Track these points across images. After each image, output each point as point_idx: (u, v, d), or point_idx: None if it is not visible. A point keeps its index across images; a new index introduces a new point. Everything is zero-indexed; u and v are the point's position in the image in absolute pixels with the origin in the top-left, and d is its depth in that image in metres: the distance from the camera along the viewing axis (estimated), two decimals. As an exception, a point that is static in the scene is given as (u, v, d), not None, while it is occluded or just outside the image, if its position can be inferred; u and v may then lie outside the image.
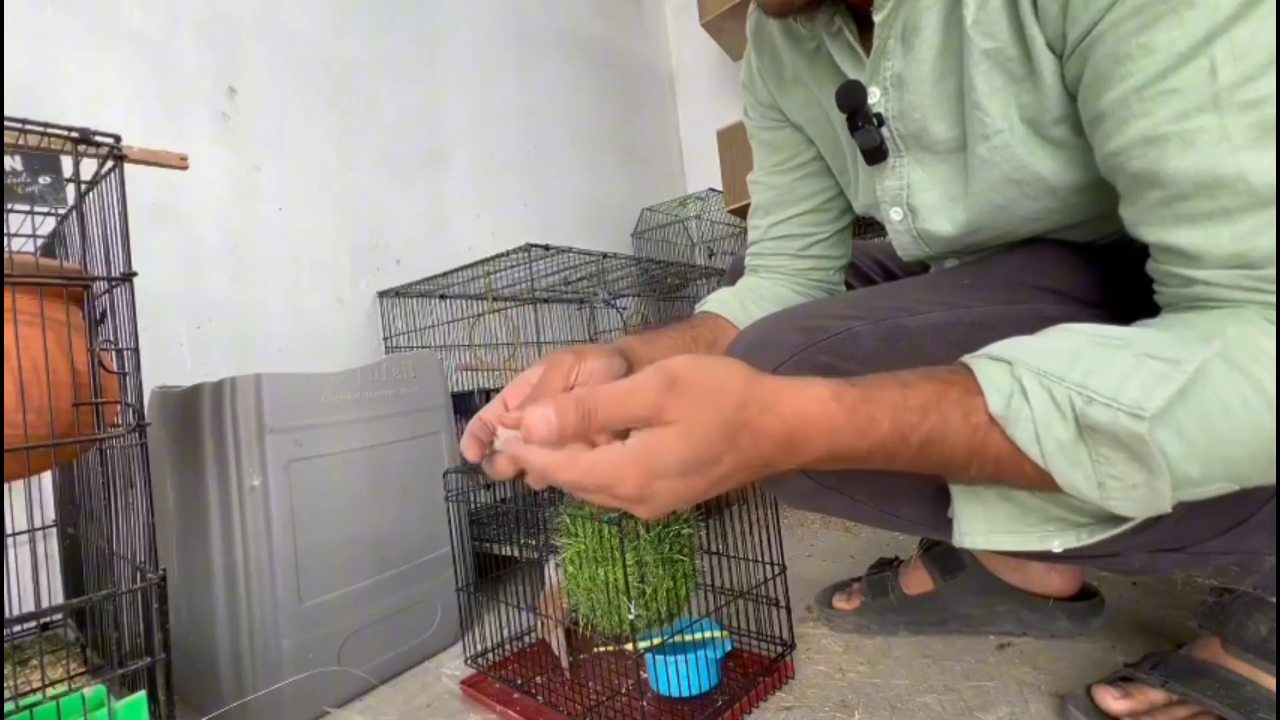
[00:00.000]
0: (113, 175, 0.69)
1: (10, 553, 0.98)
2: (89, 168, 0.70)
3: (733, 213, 2.02)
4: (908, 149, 0.62)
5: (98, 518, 0.78)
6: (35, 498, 1.03)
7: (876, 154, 0.63)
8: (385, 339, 1.53)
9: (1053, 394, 0.39)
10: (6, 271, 0.62)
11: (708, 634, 0.82)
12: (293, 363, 1.38)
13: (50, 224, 0.90)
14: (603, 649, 0.90)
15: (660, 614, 0.74)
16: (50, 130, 0.64)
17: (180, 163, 0.84)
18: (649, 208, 2.24)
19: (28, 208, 0.88)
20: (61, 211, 0.87)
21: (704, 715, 0.74)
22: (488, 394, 1.40)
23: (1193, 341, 0.39)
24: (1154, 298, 0.46)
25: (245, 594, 0.84)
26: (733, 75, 2.33)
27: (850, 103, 0.62)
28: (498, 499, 1.35)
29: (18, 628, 0.95)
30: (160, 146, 1.06)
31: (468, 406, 1.31)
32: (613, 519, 0.71)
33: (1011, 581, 0.88)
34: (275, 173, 1.41)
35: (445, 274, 1.47)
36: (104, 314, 0.71)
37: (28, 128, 0.63)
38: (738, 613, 0.87)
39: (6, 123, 0.62)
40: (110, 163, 0.69)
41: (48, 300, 0.64)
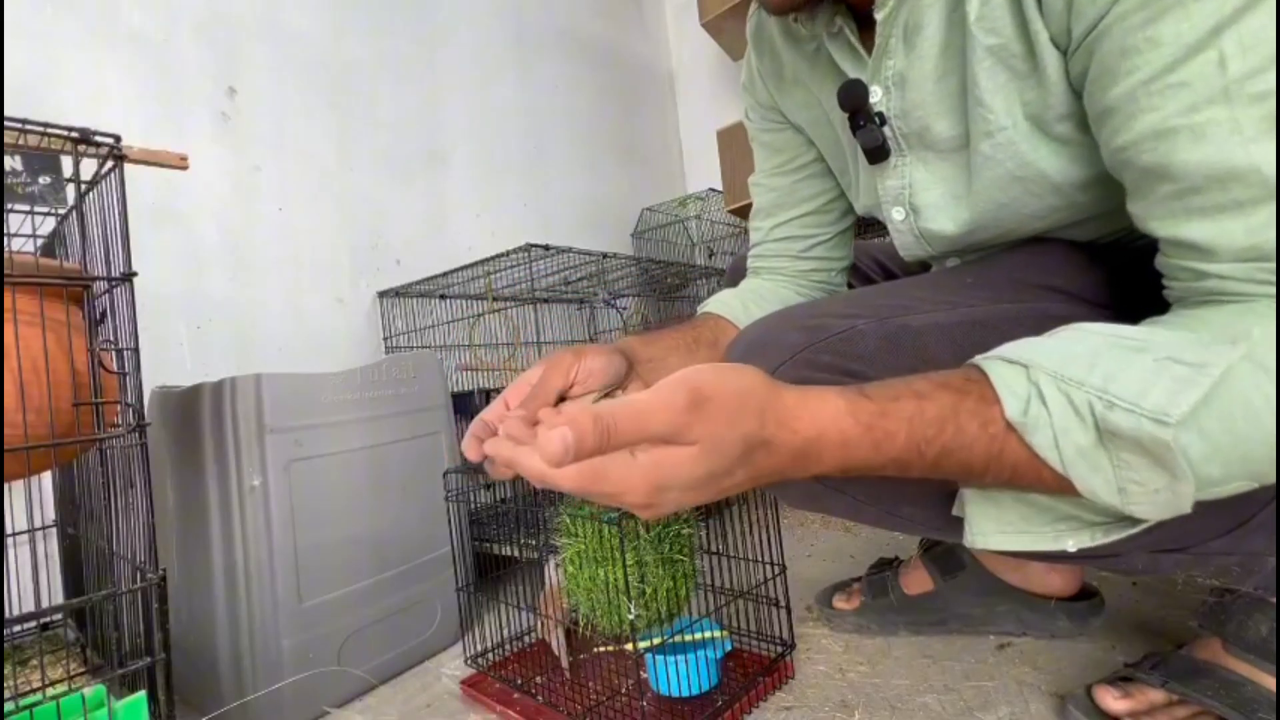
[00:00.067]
0: (113, 175, 0.69)
1: (10, 553, 0.98)
2: (89, 168, 0.70)
3: (733, 213, 2.01)
4: (910, 148, 0.62)
5: (98, 518, 0.78)
6: (35, 498, 1.03)
7: (878, 153, 0.63)
8: (385, 339, 1.53)
9: (1071, 399, 0.38)
10: (6, 271, 0.62)
11: (708, 634, 0.82)
12: (293, 363, 1.38)
13: (50, 224, 0.90)
14: (603, 649, 0.90)
15: (660, 614, 0.74)
16: (50, 130, 0.64)
17: (180, 163, 0.84)
18: (649, 208, 2.24)
19: (28, 208, 0.88)
20: (61, 211, 0.87)
21: (704, 715, 0.74)
22: (488, 394, 1.40)
23: (1215, 344, 0.38)
24: (1164, 293, 0.45)
25: (245, 594, 0.84)
26: (733, 75, 2.33)
27: (852, 102, 0.62)
28: (498, 499, 1.35)
29: (18, 628, 0.95)
30: (160, 146, 1.06)
31: (468, 406, 1.31)
32: (613, 519, 0.71)
33: (1011, 581, 0.88)
34: (275, 173, 1.41)
35: (445, 274, 1.47)
36: (104, 314, 0.71)
37: (28, 128, 0.63)
38: (738, 613, 0.87)
39: (6, 123, 0.62)
40: (110, 163, 0.69)
41: (48, 300, 0.64)
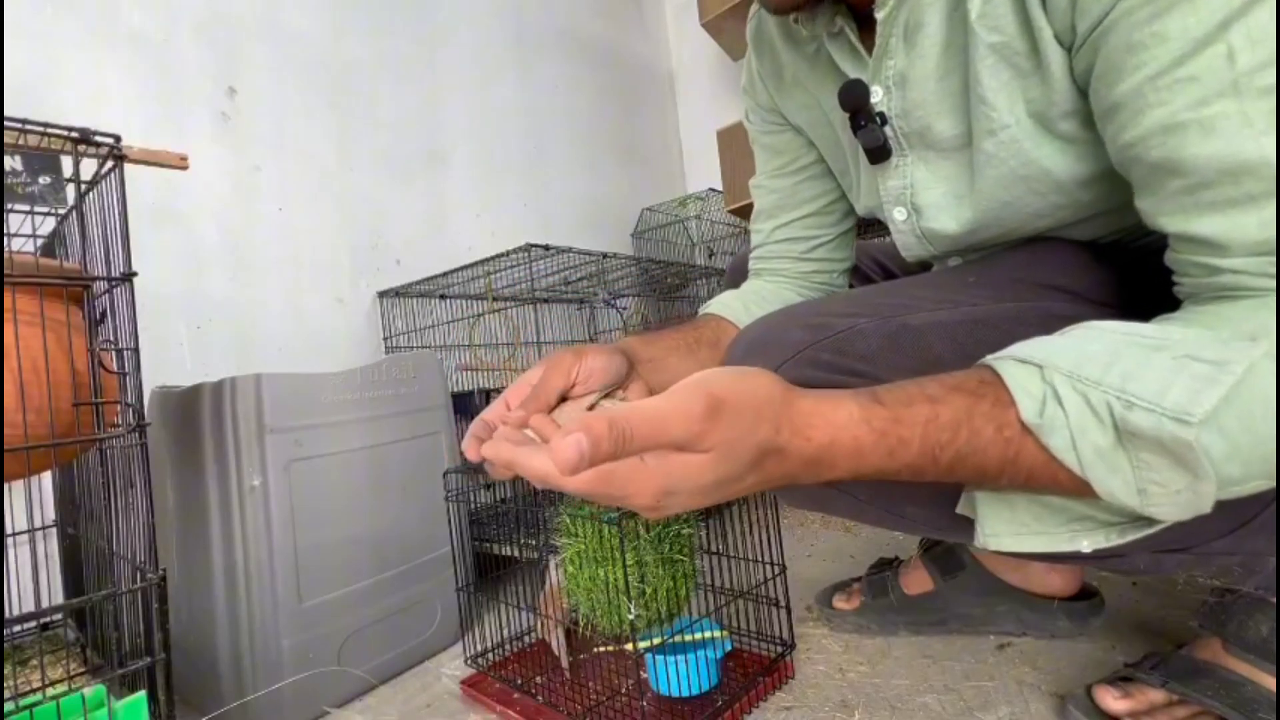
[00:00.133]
0: (113, 175, 0.69)
1: (10, 553, 0.98)
2: (89, 168, 0.70)
3: (733, 213, 2.01)
4: (911, 147, 0.62)
5: (98, 518, 0.78)
6: (35, 498, 1.03)
7: (880, 153, 0.63)
8: (385, 339, 1.53)
9: (1088, 399, 0.38)
10: (6, 271, 0.62)
11: (708, 634, 0.82)
12: (293, 363, 1.38)
13: (50, 224, 0.90)
14: (603, 649, 0.90)
15: (660, 614, 0.74)
16: (50, 130, 0.64)
17: (180, 163, 0.84)
18: (649, 208, 2.24)
19: (28, 208, 0.88)
20: (61, 211, 0.87)
21: (704, 715, 0.74)
22: (488, 394, 1.40)
23: (1235, 340, 0.38)
24: (1174, 290, 0.45)
25: (245, 594, 0.84)
26: (733, 75, 2.33)
27: (853, 102, 0.62)
28: (498, 499, 1.35)
29: (18, 628, 0.95)
30: (160, 146, 1.06)
31: (468, 406, 1.31)
32: (613, 519, 0.71)
33: (1011, 581, 0.88)
34: (275, 173, 1.41)
35: (445, 274, 1.47)
36: (104, 314, 0.71)
37: (28, 128, 0.63)
38: (738, 613, 0.87)
39: (6, 123, 0.62)
40: (110, 163, 0.69)
41: (48, 300, 0.64)
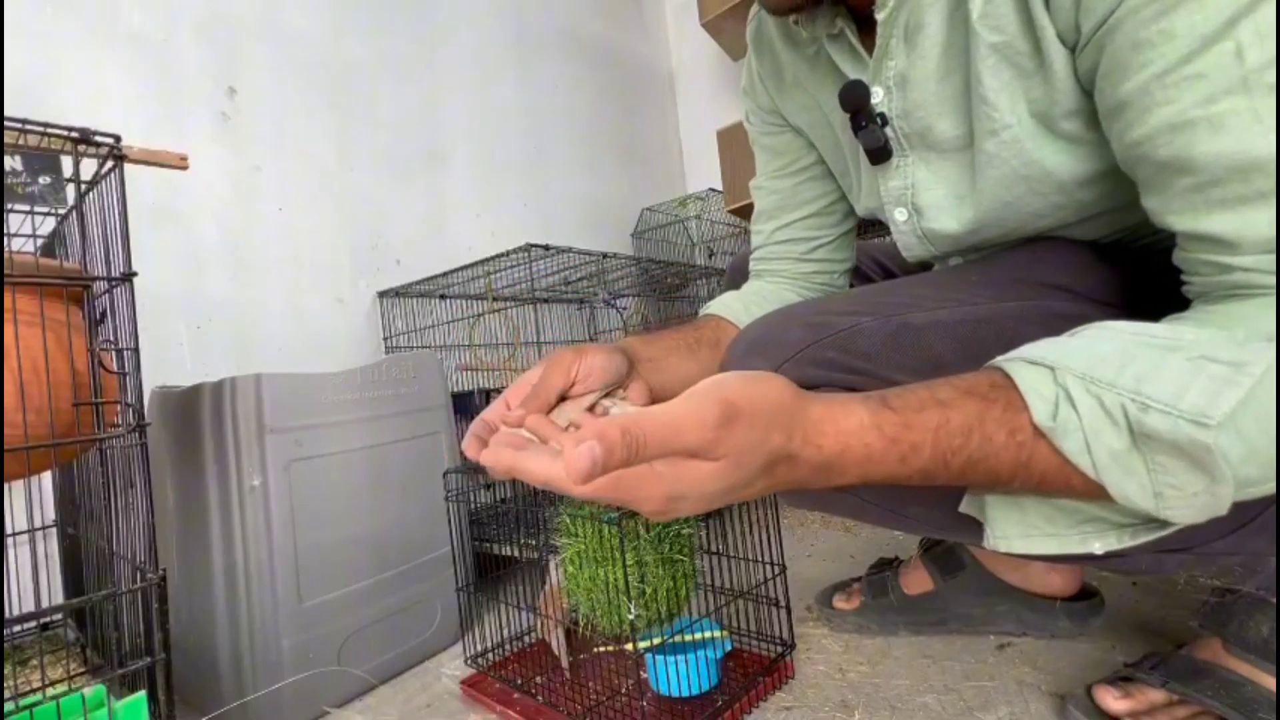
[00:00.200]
0: (113, 175, 0.69)
1: (10, 553, 0.98)
2: (89, 168, 0.70)
3: (733, 213, 2.01)
4: (912, 148, 0.62)
5: (98, 518, 0.78)
6: (35, 498, 1.03)
7: (881, 154, 0.63)
8: (385, 339, 1.53)
9: (1102, 401, 0.37)
10: (6, 271, 0.62)
11: (708, 634, 0.82)
12: (293, 363, 1.38)
13: (50, 224, 0.90)
14: (603, 649, 0.90)
15: (660, 614, 0.75)
16: (50, 130, 0.64)
17: (180, 163, 0.84)
18: (649, 208, 2.24)
19: (28, 208, 0.88)
20: (61, 211, 0.87)
21: (704, 715, 0.74)
22: (488, 394, 1.40)
23: (1251, 341, 0.37)
24: (1183, 289, 0.45)
25: (245, 594, 0.84)
26: (733, 75, 2.33)
27: (853, 103, 0.62)
28: (498, 499, 1.35)
29: (18, 628, 0.95)
30: (160, 146, 1.06)
31: (468, 406, 1.31)
32: (613, 519, 0.71)
33: (1011, 581, 0.88)
34: (275, 173, 1.41)
35: (445, 274, 1.47)
36: (104, 314, 0.71)
37: (28, 128, 0.63)
38: (738, 613, 0.87)
39: (6, 123, 0.62)
40: (110, 163, 0.69)
41: (48, 300, 0.64)
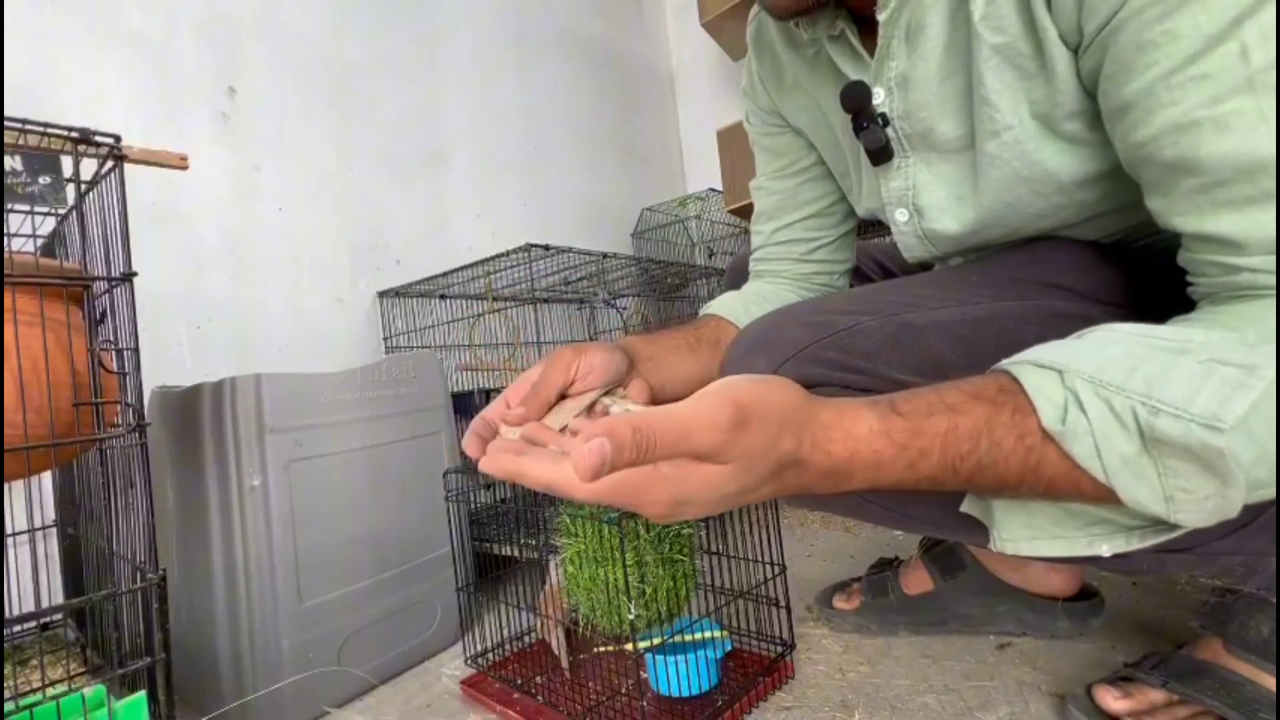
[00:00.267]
0: (113, 175, 0.69)
1: (10, 553, 0.98)
2: (89, 168, 0.70)
3: (733, 213, 2.01)
4: (913, 149, 0.62)
5: (98, 518, 0.78)
6: (35, 498, 1.03)
7: (882, 154, 0.63)
8: (385, 339, 1.53)
9: (1112, 404, 0.37)
10: (6, 271, 0.62)
11: (708, 634, 0.82)
12: (293, 363, 1.38)
13: (50, 224, 0.90)
14: (603, 649, 0.90)
15: (660, 614, 0.75)
16: (50, 130, 0.64)
17: (180, 163, 0.84)
18: (649, 208, 2.24)
19: (28, 208, 0.88)
20: (61, 211, 0.87)
21: (704, 715, 0.74)
22: (488, 394, 1.40)
23: (1262, 343, 0.37)
24: (1189, 290, 0.45)
25: (245, 594, 0.84)
26: (733, 75, 2.33)
27: (854, 103, 0.62)
28: (498, 499, 1.35)
29: (18, 628, 0.95)
30: (160, 146, 1.06)
31: (468, 406, 1.31)
32: (613, 519, 0.71)
33: (1011, 581, 0.88)
34: (275, 173, 1.41)
35: (445, 274, 1.47)
36: (104, 314, 0.71)
37: (28, 128, 0.63)
38: (738, 613, 0.87)
39: (6, 123, 0.62)
40: (110, 163, 0.69)
41: (48, 300, 0.64)
